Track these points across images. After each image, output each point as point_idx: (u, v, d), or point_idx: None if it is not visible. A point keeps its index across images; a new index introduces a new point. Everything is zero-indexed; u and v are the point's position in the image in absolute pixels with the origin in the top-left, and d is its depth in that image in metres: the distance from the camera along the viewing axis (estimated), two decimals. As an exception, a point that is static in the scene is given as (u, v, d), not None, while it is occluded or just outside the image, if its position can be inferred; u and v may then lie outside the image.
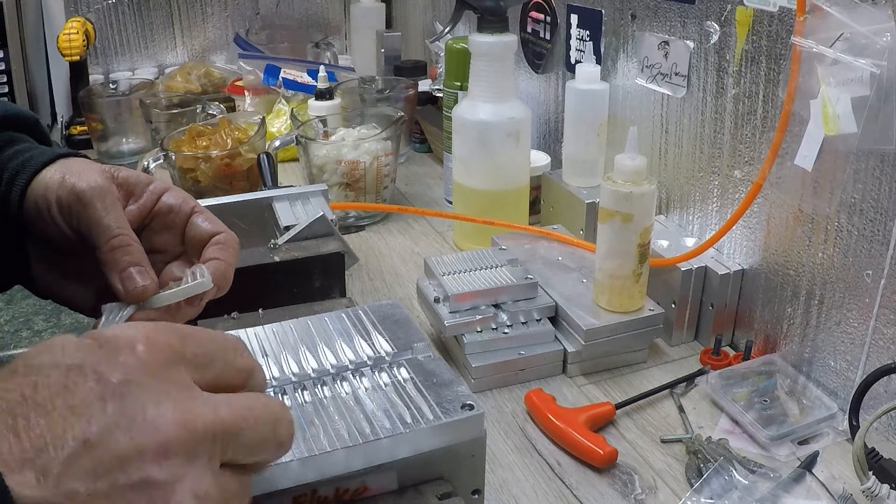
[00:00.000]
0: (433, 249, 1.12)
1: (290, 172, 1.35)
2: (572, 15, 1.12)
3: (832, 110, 0.69)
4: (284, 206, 0.94)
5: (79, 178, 0.53)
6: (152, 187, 0.57)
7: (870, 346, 0.72)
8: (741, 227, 0.85)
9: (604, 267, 0.82)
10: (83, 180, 0.53)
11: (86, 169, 0.54)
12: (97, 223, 0.52)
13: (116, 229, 0.52)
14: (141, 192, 0.57)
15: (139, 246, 0.53)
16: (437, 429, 0.52)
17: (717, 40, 0.85)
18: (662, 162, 0.97)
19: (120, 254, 0.51)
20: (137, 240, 0.53)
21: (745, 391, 0.77)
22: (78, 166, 0.54)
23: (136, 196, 0.56)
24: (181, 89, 1.60)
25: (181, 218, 0.57)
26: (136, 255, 0.52)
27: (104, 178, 0.54)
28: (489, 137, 1.02)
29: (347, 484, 0.50)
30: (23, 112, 0.61)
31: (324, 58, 1.72)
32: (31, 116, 0.62)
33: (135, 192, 0.56)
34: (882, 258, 0.69)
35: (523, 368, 0.82)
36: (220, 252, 0.55)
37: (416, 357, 0.58)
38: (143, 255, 0.53)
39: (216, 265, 0.54)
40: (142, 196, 0.56)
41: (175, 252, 0.58)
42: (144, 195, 0.56)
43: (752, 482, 0.66)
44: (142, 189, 0.57)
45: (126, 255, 0.51)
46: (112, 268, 0.52)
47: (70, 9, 1.65)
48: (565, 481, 0.69)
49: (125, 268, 0.51)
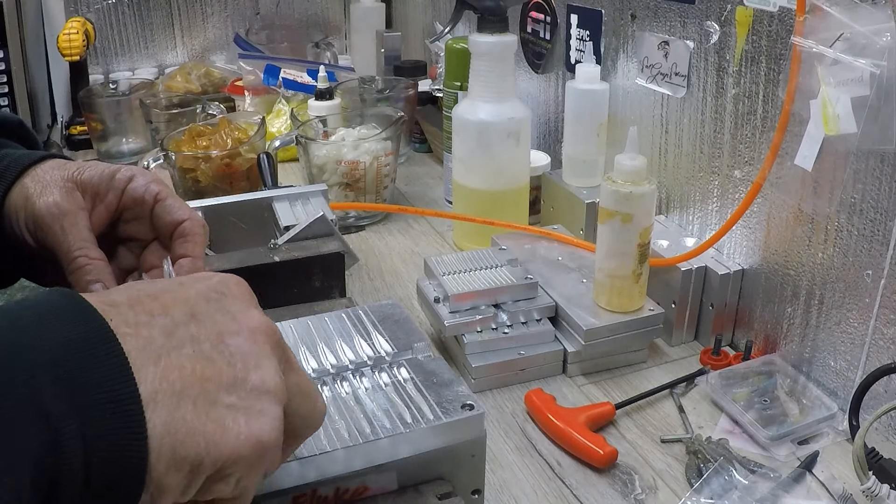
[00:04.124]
0: (433, 249, 1.12)
1: (290, 172, 1.35)
2: (572, 15, 1.12)
3: (832, 110, 0.69)
4: (284, 206, 0.94)
5: (39, 198, 0.55)
6: (116, 181, 0.58)
7: (870, 346, 0.72)
8: (741, 227, 0.85)
9: (604, 267, 0.82)
10: (42, 201, 0.54)
11: (48, 183, 0.55)
12: (58, 246, 0.54)
13: (76, 251, 0.54)
14: (106, 191, 0.57)
15: (99, 262, 0.54)
16: (437, 429, 0.52)
17: (717, 40, 0.85)
18: (662, 162, 0.97)
19: (80, 274, 0.54)
20: (98, 254, 0.55)
21: (745, 391, 0.77)
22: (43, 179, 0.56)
23: (102, 195, 0.57)
24: (181, 89, 1.60)
25: (146, 209, 0.58)
26: (94, 273, 0.54)
27: (63, 193, 0.55)
28: (489, 137, 1.02)
29: (347, 484, 0.50)
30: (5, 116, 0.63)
31: (324, 58, 1.72)
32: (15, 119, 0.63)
33: (99, 191, 0.57)
34: (882, 258, 0.69)
35: (523, 368, 0.82)
36: (186, 246, 0.57)
37: (416, 357, 0.58)
38: (103, 269, 0.54)
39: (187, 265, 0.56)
40: (107, 194, 0.57)
41: (150, 238, 0.59)
42: (109, 193, 0.57)
43: (752, 482, 0.66)
44: (106, 187, 0.57)
45: (86, 276, 0.54)
46: (75, 286, 0.54)
47: (70, 9, 1.65)
48: (565, 481, 0.69)
49: (85, 287, 0.53)
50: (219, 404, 0.36)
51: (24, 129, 0.63)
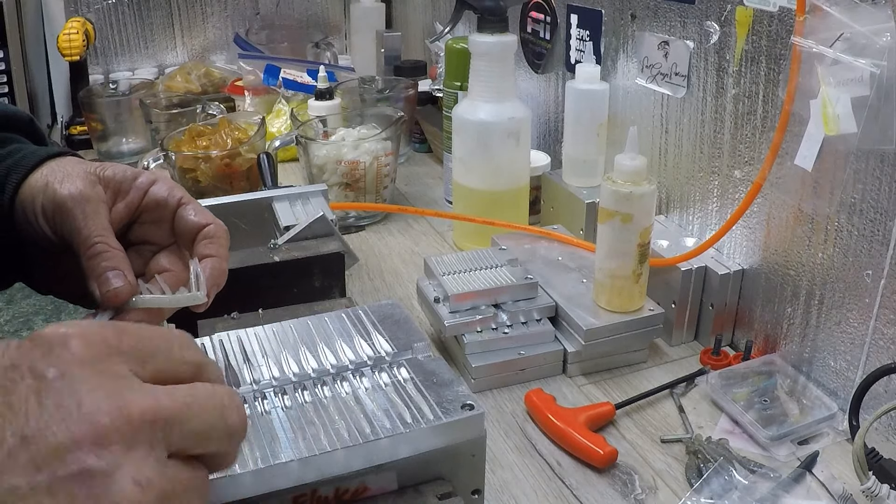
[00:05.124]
0: (433, 249, 1.12)
1: (290, 172, 1.35)
2: (572, 15, 1.12)
3: (832, 110, 0.69)
4: (284, 206, 0.94)
5: (61, 184, 0.53)
6: (139, 182, 0.57)
7: (870, 346, 0.72)
8: (741, 227, 0.85)
9: (604, 267, 0.82)
10: (65, 187, 0.53)
11: (70, 173, 0.54)
12: (77, 232, 0.53)
13: (95, 237, 0.52)
14: (128, 189, 0.57)
15: (118, 251, 0.53)
16: (437, 429, 0.52)
17: (717, 40, 0.85)
18: (662, 162, 0.97)
19: (98, 260, 0.52)
20: (117, 245, 0.53)
21: (745, 391, 0.77)
22: (63, 170, 0.55)
23: (124, 193, 0.57)
24: (181, 89, 1.60)
25: (168, 212, 0.57)
26: (112, 260, 0.52)
27: (87, 183, 0.54)
28: (489, 137, 1.02)
29: (347, 484, 0.50)
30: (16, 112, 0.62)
31: (324, 58, 1.72)
32: (25, 116, 0.62)
33: (121, 188, 0.57)
34: (882, 258, 0.69)
35: (523, 368, 0.82)
36: (212, 247, 0.56)
37: (416, 357, 0.58)
38: (122, 259, 0.53)
39: (212, 264, 0.55)
40: (129, 193, 0.57)
41: (164, 243, 0.59)
42: (131, 191, 0.57)
43: (752, 482, 0.66)
44: (128, 185, 0.57)
45: (103, 262, 0.52)
46: (90, 274, 0.52)
47: (70, 9, 1.65)
48: (565, 481, 0.69)
49: (102, 273, 0.52)
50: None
51: (35, 127, 0.63)
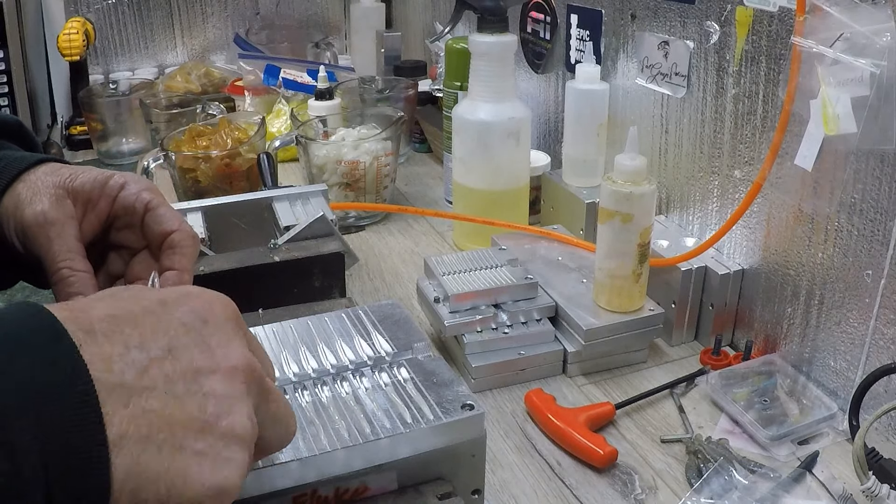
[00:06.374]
0: (433, 249, 1.12)
1: (290, 172, 1.35)
2: (572, 15, 1.12)
3: (832, 110, 0.69)
4: (284, 206, 0.94)
5: (29, 205, 0.54)
6: (109, 188, 0.57)
7: (870, 346, 0.72)
8: (741, 227, 0.85)
9: (604, 267, 0.82)
10: (30, 210, 0.54)
11: (39, 190, 0.55)
12: (43, 256, 0.54)
13: (59, 263, 0.54)
14: (98, 198, 0.57)
15: (83, 274, 0.54)
16: (437, 429, 0.52)
17: (717, 40, 0.85)
18: (662, 162, 0.97)
19: (62, 286, 0.53)
20: (83, 266, 0.54)
21: (745, 391, 0.77)
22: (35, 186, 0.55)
23: (94, 202, 0.57)
24: (181, 89, 1.60)
25: (137, 217, 0.57)
26: (76, 285, 0.53)
27: (52, 202, 0.54)
28: (489, 137, 1.02)
29: (347, 484, 0.50)
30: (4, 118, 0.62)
31: (324, 58, 1.72)
32: (13, 120, 0.63)
33: (91, 198, 0.57)
34: (882, 258, 0.69)
35: (523, 368, 0.82)
36: (174, 259, 0.56)
37: (416, 357, 0.58)
38: (86, 282, 0.54)
39: (173, 279, 0.55)
40: (98, 201, 0.57)
41: (139, 246, 0.59)
42: (101, 200, 0.57)
43: (752, 482, 0.66)
44: (98, 193, 0.57)
45: (67, 287, 0.53)
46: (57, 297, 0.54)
47: (70, 9, 1.65)
48: (565, 481, 0.69)
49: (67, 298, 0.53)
50: (185, 450, 0.36)
51: (23, 131, 0.63)
